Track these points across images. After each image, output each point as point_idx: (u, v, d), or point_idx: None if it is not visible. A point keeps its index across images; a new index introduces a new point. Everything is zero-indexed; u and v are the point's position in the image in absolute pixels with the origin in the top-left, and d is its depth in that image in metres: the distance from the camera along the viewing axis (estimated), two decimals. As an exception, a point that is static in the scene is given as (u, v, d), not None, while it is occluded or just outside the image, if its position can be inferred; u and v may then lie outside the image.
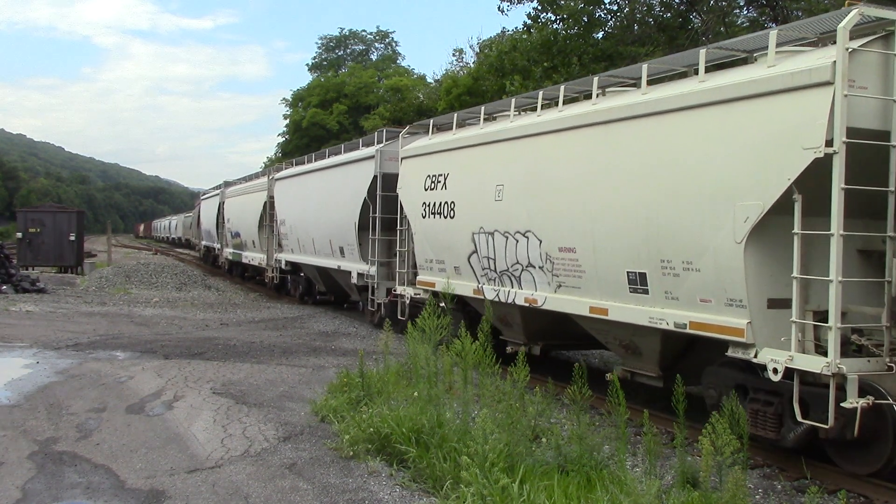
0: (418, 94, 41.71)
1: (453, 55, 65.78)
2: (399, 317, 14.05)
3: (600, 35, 22.50)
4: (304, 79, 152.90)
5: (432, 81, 46.64)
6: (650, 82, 8.77)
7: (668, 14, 21.69)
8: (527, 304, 10.23)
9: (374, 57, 66.99)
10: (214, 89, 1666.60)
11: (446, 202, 12.04)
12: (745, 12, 21.73)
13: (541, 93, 10.40)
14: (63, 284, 26.45)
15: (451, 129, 12.71)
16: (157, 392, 9.92)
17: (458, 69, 40.75)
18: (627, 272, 8.45)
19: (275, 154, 62.06)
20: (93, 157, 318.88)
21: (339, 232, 17.33)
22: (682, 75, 9.04)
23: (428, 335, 8.53)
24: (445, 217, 12.06)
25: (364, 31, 69.86)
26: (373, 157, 15.49)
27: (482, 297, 10.96)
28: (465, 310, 12.31)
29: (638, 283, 8.34)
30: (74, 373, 11.11)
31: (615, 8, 22.51)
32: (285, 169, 23.59)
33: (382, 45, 68.45)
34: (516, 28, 31.46)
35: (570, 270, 9.36)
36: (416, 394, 7.95)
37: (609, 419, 8.13)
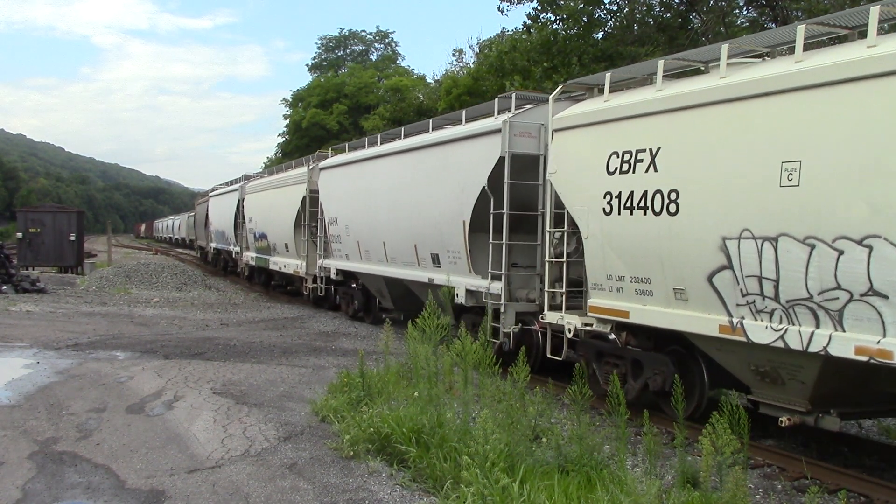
0: (418, 94, 41.76)
1: (453, 55, 66.18)
2: (549, 355, 10.19)
3: (600, 35, 22.53)
4: (304, 79, 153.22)
5: (432, 81, 46.75)
6: None
7: (668, 14, 21.71)
8: (860, 358, 6.32)
9: (373, 57, 67.11)
10: (214, 89, 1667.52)
11: (659, 191, 8.11)
12: (745, 12, 21.76)
13: (876, 9, 6.52)
14: (63, 284, 26.45)
15: (650, 83, 8.92)
16: (158, 392, 9.93)
17: (458, 69, 40.86)
18: None
19: (275, 154, 62.21)
20: (93, 157, 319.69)
21: (433, 234, 12.98)
22: None
23: (428, 335, 8.52)
24: (657, 213, 8.14)
25: (364, 31, 70.06)
26: (498, 130, 10.91)
27: (741, 339, 7.35)
28: (668, 351, 8.80)
29: None
30: (74, 373, 11.11)
31: (615, 8, 22.55)
32: (335, 155, 19.15)
33: (382, 46, 68.62)
34: (516, 28, 31.51)
35: None
36: (416, 394, 7.95)
37: (609, 419, 8.14)
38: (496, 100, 11.77)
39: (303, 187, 20.32)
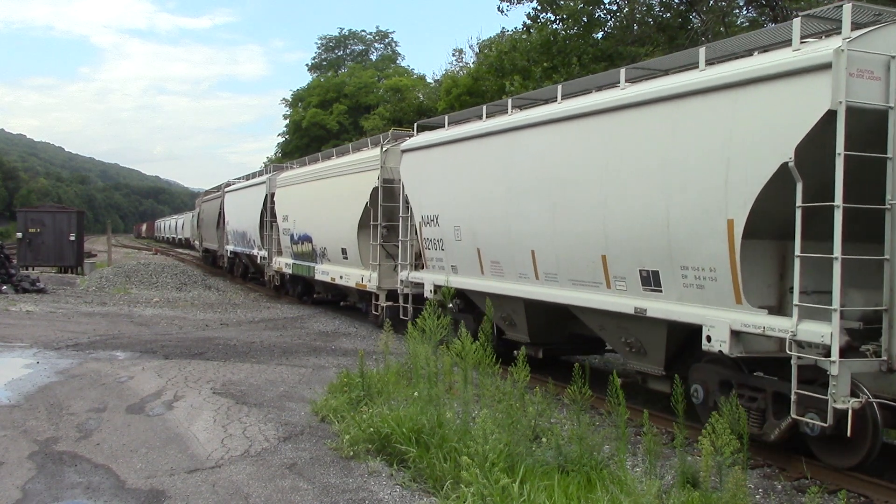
0: (418, 94, 41.80)
1: (453, 55, 66.19)
2: None
3: (600, 35, 22.56)
4: (304, 79, 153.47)
5: (432, 81, 46.77)
6: None
7: (668, 14, 21.73)
8: None
9: (373, 57, 67.19)
10: (213, 89, 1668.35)
11: None
12: (745, 12, 21.77)
13: None
14: (63, 284, 26.45)
15: None
16: (158, 392, 9.93)
17: (457, 69, 40.86)
18: None
19: (275, 154, 62.23)
20: (93, 156, 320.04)
21: (652, 239, 8.37)
22: None
23: (428, 335, 8.51)
24: None
25: (364, 31, 70.22)
26: (817, 68, 6.55)
27: None
28: None
29: None
30: (74, 373, 11.12)
31: (615, 8, 22.57)
32: (422, 134, 14.17)
33: (382, 46, 68.72)
34: (516, 28, 31.55)
35: None
36: (416, 394, 7.95)
37: (609, 419, 8.15)
38: (795, 20, 7.09)
39: (373, 175, 15.53)
